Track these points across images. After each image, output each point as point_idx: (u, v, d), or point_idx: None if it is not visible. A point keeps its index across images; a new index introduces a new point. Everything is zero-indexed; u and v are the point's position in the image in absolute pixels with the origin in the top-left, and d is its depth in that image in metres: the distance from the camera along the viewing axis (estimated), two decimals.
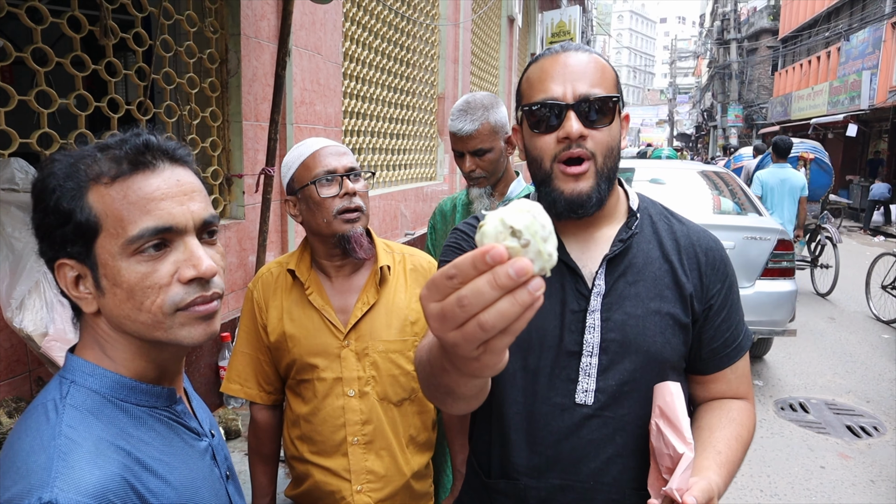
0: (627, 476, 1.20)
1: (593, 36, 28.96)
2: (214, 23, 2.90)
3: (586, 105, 1.16)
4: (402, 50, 5.49)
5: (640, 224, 1.26)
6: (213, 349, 2.76)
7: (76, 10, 2.19)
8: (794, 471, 4.20)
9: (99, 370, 0.87)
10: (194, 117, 2.82)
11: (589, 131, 1.16)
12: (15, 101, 2.01)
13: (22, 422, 0.84)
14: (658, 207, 1.33)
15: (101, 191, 0.83)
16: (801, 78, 26.79)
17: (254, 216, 3.14)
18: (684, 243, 1.26)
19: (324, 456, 1.61)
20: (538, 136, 1.19)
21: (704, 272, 1.25)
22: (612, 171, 1.21)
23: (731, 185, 6.53)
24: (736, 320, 1.28)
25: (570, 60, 1.19)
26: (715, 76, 38.76)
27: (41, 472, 0.75)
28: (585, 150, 1.16)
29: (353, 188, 1.57)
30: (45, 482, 0.74)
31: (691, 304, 1.23)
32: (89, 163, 0.84)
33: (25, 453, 0.79)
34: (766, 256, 5.22)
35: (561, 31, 13.17)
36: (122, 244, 0.83)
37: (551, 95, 1.16)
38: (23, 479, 0.76)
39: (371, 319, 1.62)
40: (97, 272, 0.84)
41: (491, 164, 2.24)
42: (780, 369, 6.07)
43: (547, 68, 1.20)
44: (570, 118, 1.15)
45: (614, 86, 1.21)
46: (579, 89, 1.16)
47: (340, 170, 1.58)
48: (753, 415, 1.30)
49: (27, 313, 1.78)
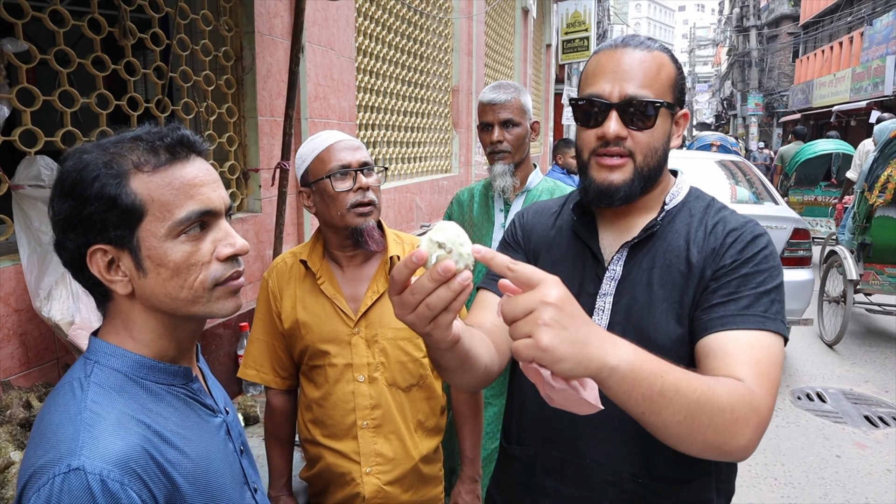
0: (624, 460, 1.23)
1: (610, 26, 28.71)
2: (229, 21, 2.96)
3: (630, 107, 1.16)
4: (415, 43, 5.52)
5: (672, 216, 1.27)
6: (232, 338, 2.84)
7: (96, 13, 2.27)
8: (810, 460, 4.20)
9: (120, 351, 0.94)
10: (211, 114, 2.89)
11: (629, 131, 1.18)
12: (40, 102, 2.09)
13: (51, 398, 0.91)
14: (705, 202, 1.30)
15: (143, 178, 0.90)
16: (822, 64, 26.32)
17: (270, 209, 3.21)
18: (711, 230, 1.23)
19: (335, 439, 1.67)
20: (582, 129, 1.23)
21: (720, 248, 1.20)
22: (654, 169, 1.22)
23: (748, 174, 6.49)
24: (749, 294, 1.14)
25: (625, 58, 1.18)
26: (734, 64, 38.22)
27: (69, 442, 0.82)
28: (623, 150, 1.18)
29: (367, 183, 1.63)
30: (73, 451, 0.81)
31: (699, 277, 1.18)
32: (127, 153, 0.90)
33: (55, 426, 0.85)
34: (782, 245, 5.21)
35: (576, 21, 13.09)
36: (169, 226, 0.90)
37: (598, 92, 1.18)
38: (53, 449, 0.82)
39: (381, 308, 1.67)
40: (139, 254, 0.90)
41: (517, 140, 2.32)
42: (797, 359, 6.05)
43: (602, 63, 1.20)
44: (611, 118, 1.17)
45: (669, 86, 1.20)
46: (627, 90, 1.16)
47: (354, 164, 1.63)
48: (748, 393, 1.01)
49: (55, 303, 1.86)
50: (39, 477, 0.80)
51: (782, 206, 5.72)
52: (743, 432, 0.97)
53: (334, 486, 1.71)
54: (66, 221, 0.90)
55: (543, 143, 14.04)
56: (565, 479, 1.28)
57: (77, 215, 0.89)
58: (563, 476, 1.28)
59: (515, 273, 0.78)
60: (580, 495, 1.26)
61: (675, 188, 1.30)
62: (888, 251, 5.87)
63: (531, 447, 1.34)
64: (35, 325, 1.98)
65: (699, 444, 0.96)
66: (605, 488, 1.24)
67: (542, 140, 14.06)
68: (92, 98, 2.29)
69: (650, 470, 1.21)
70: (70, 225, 0.90)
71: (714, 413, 0.94)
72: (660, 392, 0.88)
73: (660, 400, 0.89)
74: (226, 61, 2.96)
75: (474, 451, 1.84)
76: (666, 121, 1.20)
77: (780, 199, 5.91)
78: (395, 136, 5.24)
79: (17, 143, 2.03)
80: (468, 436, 1.85)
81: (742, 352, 1.07)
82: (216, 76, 2.91)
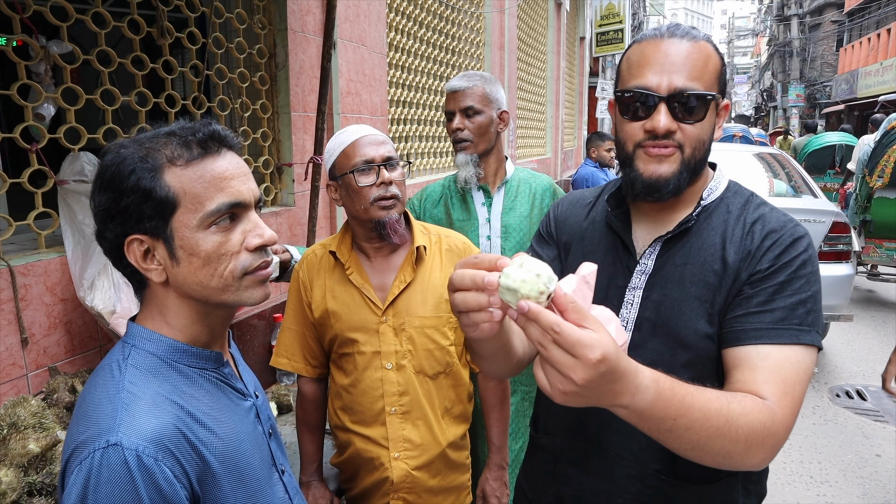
0: (649, 455, 1.22)
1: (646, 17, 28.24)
2: (262, 19, 3.03)
3: (681, 99, 1.13)
4: (446, 38, 5.54)
5: (709, 212, 1.24)
6: (266, 329, 2.92)
7: (135, 14, 2.34)
8: (848, 458, 4.11)
9: (156, 336, 0.99)
10: (245, 110, 2.96)
11: (679, 124, 1.15)
12: (83, 100, 2.18)
13: (92, 379, 0.97)
14: (743, 198, 1.27)
15: (177, 172, 0.94)
16: (868, 53, 25.46)
17: (303, 203, 3.28)
18: (749, 229, 1.19)
19: (364, 425, 1.71)
20: (627, 122, 1.19)
21: (757, 250, 1.16)
22: (700, 162, 1.19)
23: (786, 167, 6.35)
24: (785, 304, 1.11)
25: (671, 49, 1.14)
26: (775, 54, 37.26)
27: (108, 419, 0.87)
28: (672, 142, 1.16)
29: (390, 177, 1.65)
30: (111, 428, 0.86)
31: (734, 279, 1.16)
32: (161, 147, 0.95)
33: (95, 405, 0.91)
34: (820, 239, 5.09)
35: (610, 13, 12.94)
36: (201, 218, 0.95)
37: (645, 84, 1.15)
38: (93, 426, 0.88)
39: (408, 297, 1.70)
40: (172, 244, 0.95)
41: (479, 129, 2.25)
42: (836, 356, 5.91)
43: (647, 53, 1.16)
44: (660, 111, 1.14)
45: (716, 78, 1.17)
46: (676, 82, 1.13)
47: (378, 159, 1.66)
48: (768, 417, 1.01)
49: (97, 293, 1.95)
50: (81, 451, 0.86)
51: (821, 200, 5.58)
52: (755, 455, 1.00)
53: (363, 471, 1.75)
54: (105, 213, 0.96)
55: (577, 136, 13.93)
56: (589, 470, 1.29)
57: (115, 207, 0.94)
58: (587, 468, 1.29)
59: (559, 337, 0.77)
60: (603, 488, 1.27)
61: (713, 182, 1.27)
62: (886, 227, 7.00)
63: (557, 437, 1.35)
64: (79, 313, 2.07)
65: (708, 462, 1.00)
66: (627, 482, 1.24)
67: (577, 134, 13.95)
68: (132, 96, 2.38)
69: (674, 467, 1.20)
70: (109, 216, 0.95)
71: (726, 443, 0.96)
72: (668, 429, 0.92)
73: (668, 435, 0.94)
74: (259, 58, 3.03)
75: (501, 439, 1.87)
76: (713, 113, 1.18)
77: (820, 192, 5.77)
78: (427, 130, 5.27)
79: (62, 140, 2.11)
80: (495, 423, 1.87)
81: (771, 370, 1.06)
82: (250, 73, 2.98)
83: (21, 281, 1.89)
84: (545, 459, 1.39)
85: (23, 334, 1.90)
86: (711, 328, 1.16)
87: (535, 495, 1.42)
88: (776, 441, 1.01)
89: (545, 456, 1.39)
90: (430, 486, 1.72)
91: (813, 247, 1.17)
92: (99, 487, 0.83)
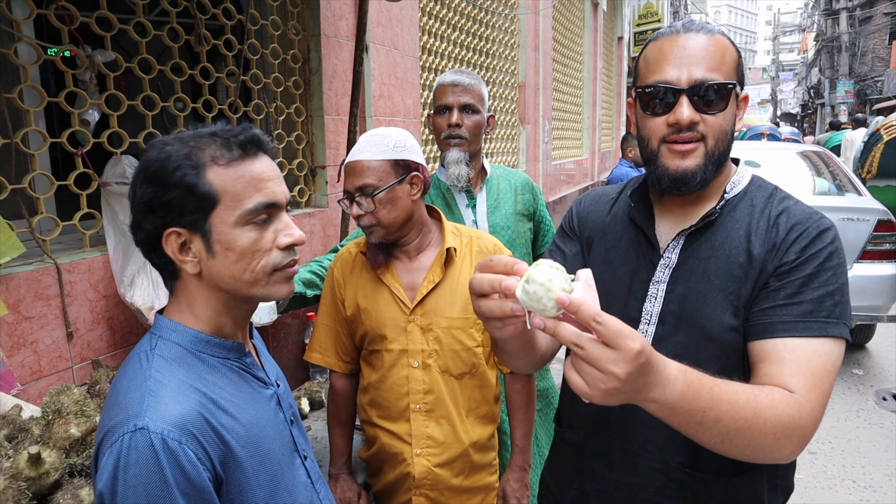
0: (673, 449, 1.22)
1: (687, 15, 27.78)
2: (297, 25, 3.11)
3: (702, 90, 1.15)
4: (480, 40, 5.58)
5: (733, 205, 1.24)
6: (300, 328, 2.99)
7: (174, 23, 2.44)
8: (893, 463, 3.98)
9: (181, 327, 1.05)
10: (280, 114, 3.04)
11: (702, 116, 1.16)
12: (125, 106, 2.28)
13: (123, 368, 1.03)
14: (767, 192, 1.27)
15: (218, 170, 1.00)
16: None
17: (336, 205, 3.35)
18: (774, 221, 1.20)
19: (389, 420, 1.75)
20: (649, 118, 1.21)
21: (783, 242, 1.16)
22: (723, 153, 1.20)
23: (831, 165, 6.19)
24: (812, 297, 1.11)
25: (689, 42, 1.17)
26: (822, 50, 36.15)
27: (136, 405, 0.93)
28: (696, 134, 1.17)
29: (360, 211, 1.66)
30: (138, 413, 0.92)
31: (760, 271, 1.16)
32: (204, 147, 1.01)
33: (124, 392, 0.97)
34: (864, 238, 4.95)
35: (648, 12, 12.78)
36: (239, 215, 1.01)
37: (665, 78, 1.16)
38: (122, 412, 0.94)
39: (436, 297, 1.73)
40: (210, 238, 1.01)
41: (475, 128, 2.21)
42: (883, 358, 5.73)
43: (665, 49, 1.18)
44: (682, 104, 1.15)
45: (734, 69, 1.19)
46: (695, 74, 1.15)
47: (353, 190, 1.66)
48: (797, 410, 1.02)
49: (137, 290, 2.04)
50: (111, 435, 0.92)
51: (866, 198, 5.43)
52: (784, 447, 1.01)
53: (387, 465, 1.79)
54: (146, 205, 1.01)
55: (615, 137, 13.79)
56: (612, 464, 1.29)
57: (158, 200, 1.00)
58: (611, 461, 1.30)
59: (601, 328, 0.80)
60: (626, 481, 1.27)
61: (736, 176, 1.27)
62: None
63: (581, 431, 1.36)
64: (121, 310, 2.17)
65: (737, 456, 1.01)
66: (651, 475, 1.24)
67: (614, 134, 13.81)
68: (171, 102, 2.48)
69: (697, 460, 1.20)
70: (150, 208, 1.01)
71: (755, 436, 0.98)
72: (698, 422, 0.94)
73: (698, 428, 0.95)
74: (294, 63, 3.11)
75: (525, 441, 1.88)
76: (733, 104, 1.19)
77: (865, 191, 5.61)
78: None
79: (106, 144, 2.22)
80: (519, 425, 1.88)
81: (798, 363, 1.07)
82: (285, 78, 3.06)
83: (66, 278, 1.99)
84: (569, 453, 1.40)
85: (68, 328, 2.00)
86: (737, 321, 1.16)
87: (559, 489, 1.43)
88: (804, 434, 1.02)
89: (569, 450, 1.40)
90: (452, 485, 1.75)
91: (839, 239, 1.17)
92: (128, 468, 0.88)
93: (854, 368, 5.48)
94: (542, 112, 7.27)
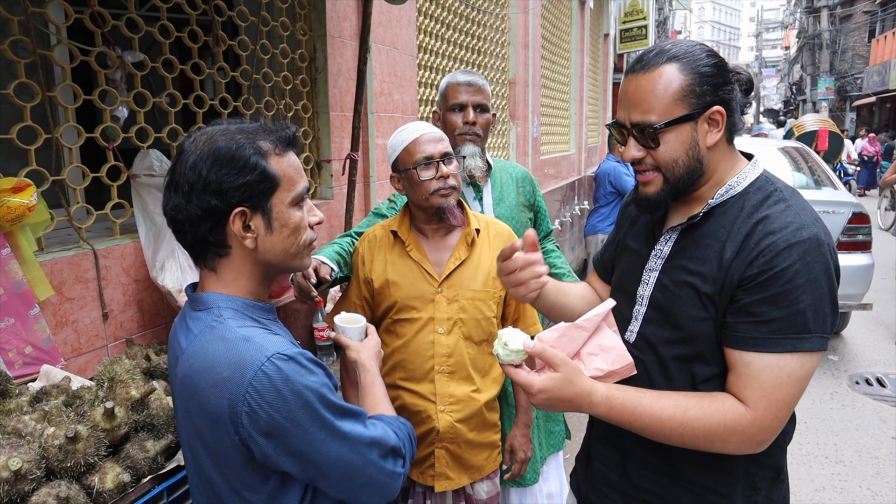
0: None
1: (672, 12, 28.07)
2: (304, 26, 3.27)
3: (638, 131, 1.28)
4: (473, 39, 5.75)
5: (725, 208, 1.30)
6: (308, 313, 3.16)
7: (194, 25, 2.60)
8: (864, 440, 4.23)
9: (231, 297, 1.22)
10: (289, 110, 3.20)
11: (648, 151, 1.29)
12: (150, 103, 2.44)
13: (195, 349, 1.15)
14: (764, 193, 1.30)
15: (276, 159, 1.20)
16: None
17: (341, 197, 3.52)
18: (752, 228, 1.25)
19: (413, 381, 1.95)
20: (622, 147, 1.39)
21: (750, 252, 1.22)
22: (684, 174, 1.29)
23: (809, 161, 6.45)
24: (777, 316, 1.17)
25: (629, 86, 1.29)
26: (804, 47, 36.69)
27: (247, 352, 1.10)
28: (647, 166, 1.32)
29: (447, 171, 1.90)
30: (258, 351, 1.09)
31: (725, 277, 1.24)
32: (263, 138, 1.20)
33: (223, 354, 1.11)
34: (839, 230, 5.20)
35: (634, 10, 13.00)
36: (293, 197, 1.21)
37: (619, 118, 1.33)
38: (232, 365, 1.09)
39: (461, 272, 1.95)
40: (270, 216, 1.19)
41: (486, 127, 2.39)
42: (856, 345, 6.00)
43: (622, 89, 1.32)
44: (629, 144, 1.31)
45: (678, 99, 1.24)
46: (633, 117, 1.28)
47: (437, 155, 1.90)
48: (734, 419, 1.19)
49: (167, 274, 2.20)
50: (239, 384, 1.06)
51: (841, 191, 5.68)
52: (724, 447, 1.23)
53: (411, 423, 1.99)
54: (216, 186, 1.13)
55: (601, 132, 14.01)
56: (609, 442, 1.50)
57: (231, 182, 1.13)
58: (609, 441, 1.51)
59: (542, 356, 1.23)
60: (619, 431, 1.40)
61: (735, 179, 1.32)
62: None
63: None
64: (150, 293, 2.33)
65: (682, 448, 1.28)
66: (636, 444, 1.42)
67: (601, 130, 14.04)
68: (190, 99, 2.64)
69: None
70: (220, 190, 1.13)
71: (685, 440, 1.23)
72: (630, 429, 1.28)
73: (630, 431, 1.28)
74: (301, 62, 3.28)
75: (528, 402, 2.10)
76: (682, 131, 1.26)
77: (840, 185, 5.87)
78: None
79: (133, 139, 2.38)
80: None
81: (750, 377, 1.20)
82: (293, 76, 3.22)
83: (102, 263, 2.16)
84: (587, 437, 1.65)
85: (104, 309, 2.16)
86: (705, 312, 1.27)
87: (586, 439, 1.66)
88: (746, 437, 1.20)
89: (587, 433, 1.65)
90: (468, 439, 1.96)
91: (815, 251, 1.18)
92: (270, 391, 1.07)
93: (829, 354, 5.74)
94: (532, 108, 7.46)
